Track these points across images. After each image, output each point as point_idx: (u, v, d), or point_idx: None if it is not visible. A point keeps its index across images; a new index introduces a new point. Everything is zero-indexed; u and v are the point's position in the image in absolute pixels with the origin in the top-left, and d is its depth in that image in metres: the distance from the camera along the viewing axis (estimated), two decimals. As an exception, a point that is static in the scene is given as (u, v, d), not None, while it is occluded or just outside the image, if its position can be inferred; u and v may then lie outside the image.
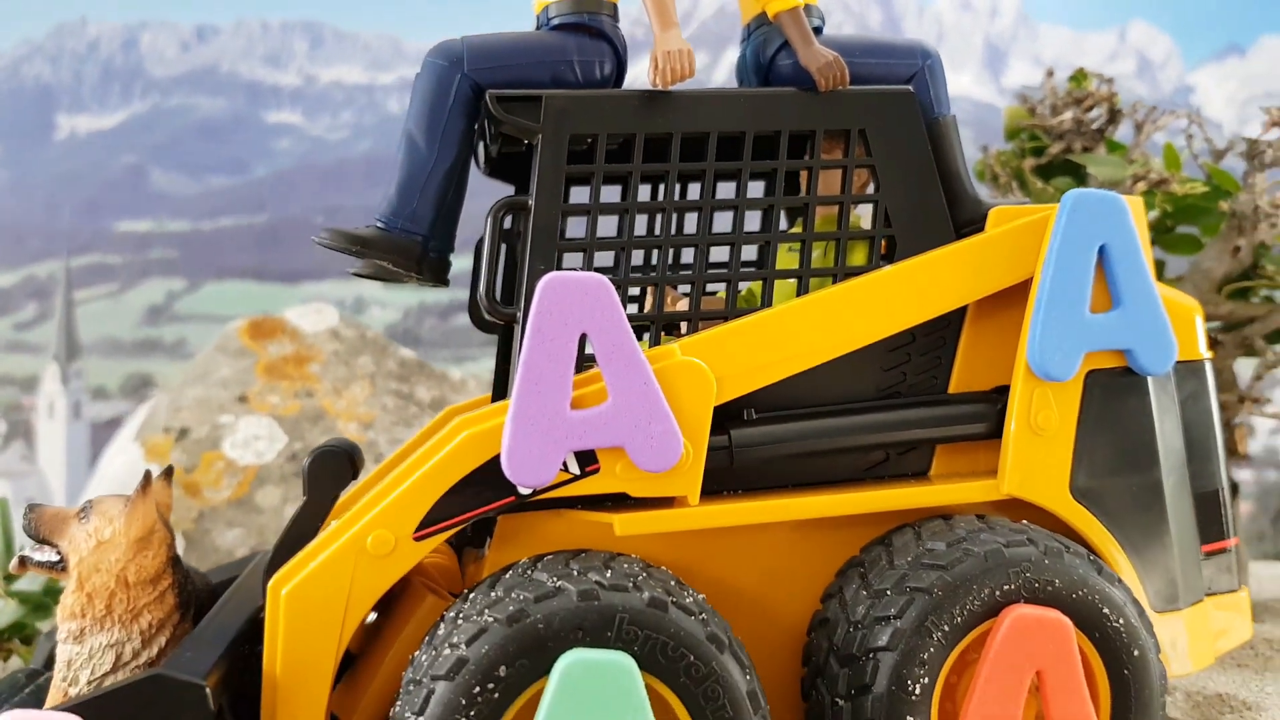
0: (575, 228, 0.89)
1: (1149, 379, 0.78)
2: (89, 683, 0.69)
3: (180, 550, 1.37)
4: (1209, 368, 0.85)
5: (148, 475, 0.71)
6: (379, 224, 0.78)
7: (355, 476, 0.78)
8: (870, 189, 0.82)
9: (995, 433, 0.77)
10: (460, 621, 0.63)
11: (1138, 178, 1.14)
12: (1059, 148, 1.24)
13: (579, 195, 0.80)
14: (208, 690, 0.61)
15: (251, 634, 0.77)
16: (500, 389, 0.96)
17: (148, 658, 0.70)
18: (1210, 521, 0.82)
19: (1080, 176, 1.24)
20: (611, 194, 0.79)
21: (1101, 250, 0.77)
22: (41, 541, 0.70)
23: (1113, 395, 0.78)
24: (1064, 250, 0.76)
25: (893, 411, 0.77)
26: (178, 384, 1.57)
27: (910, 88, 0.81)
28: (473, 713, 0.61)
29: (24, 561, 0.71)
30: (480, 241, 0.94)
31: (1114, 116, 1.22)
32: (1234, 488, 0.96)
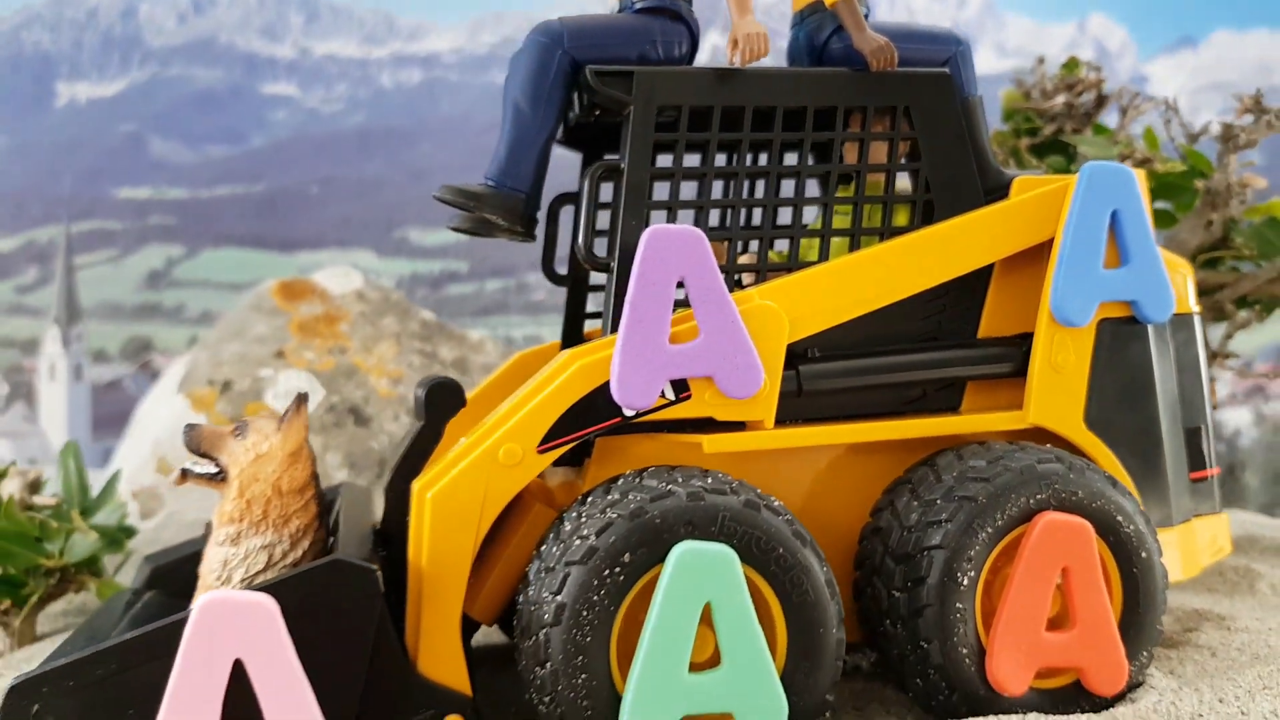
0: (658, 190, 0.99)
1: (1150, 327, 0.91)
2: (242, 580, 0.78)
3: (229, 495, 1.45)
4: (1198, 320, 0.98)
5: (302, 397, 0.80)
6: (489, 182, 0.88)
7: (463, 407, 0.88)
8: (908, 159, 0.93)
9: (1019, 372, 0.89)
10: (584, 519, 0.74)
11: (1124, 157, 1.27)
12: (1051, 129, 1.37)
13: (662, 160, 0.90)
14: (378, 574, 0.70)
15: (378, 541, 0.87)
16: (570, 334, 1.06)
17: (294, 559, 0.79)
18: (1196, 452, 0.95)
19: (1070, 155, 1.37)
20: (686, 160, 0.89)
21: (1113, 215, 0.89)
22: (201, 456, 0.79)
23: (1119, 340, 0.90)
24: (1082, 214, 0.88)
25: (933, 353, 0.89)
26: (214, 340, 1.64)
27: (947, 70, 0.92)
28: (602, 592, 0.71)
29: (185, 474, 0.79)
30: (555, 205, 1.04)
31: (1101, 101, 1.35)
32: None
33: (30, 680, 0.64)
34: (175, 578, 1.01)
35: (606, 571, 0.71)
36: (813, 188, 1.03)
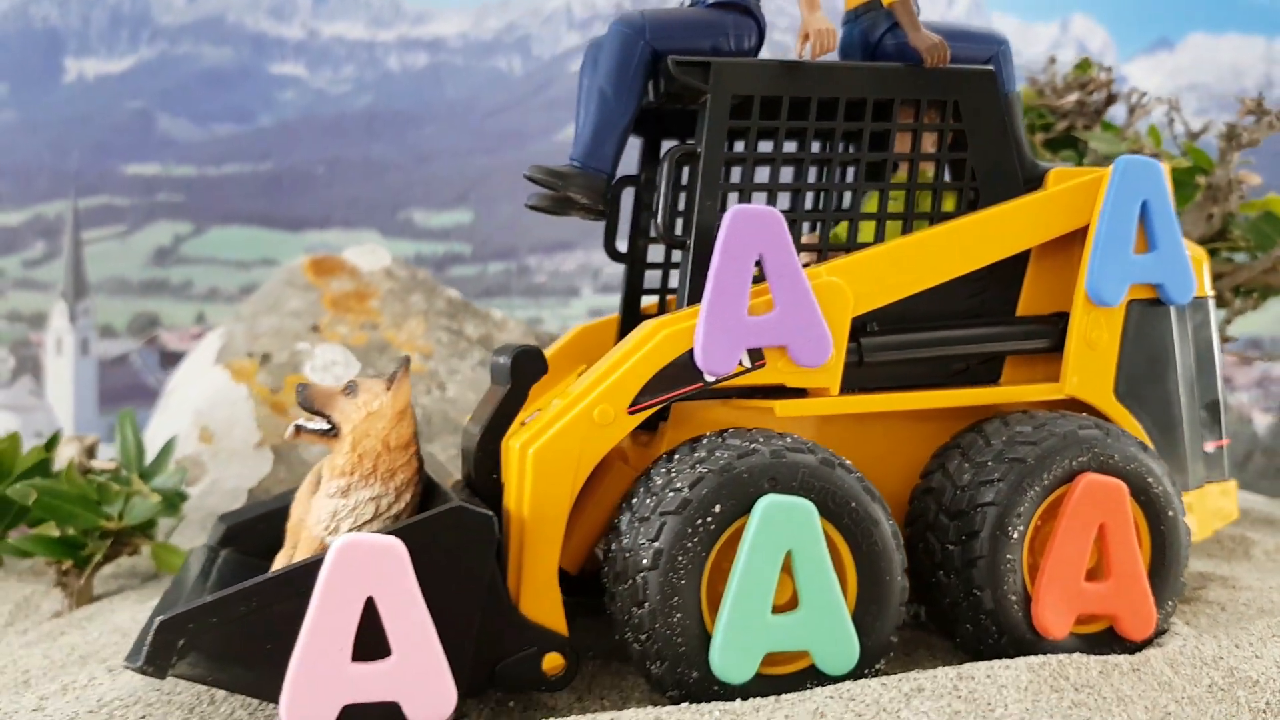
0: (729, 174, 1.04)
1: (1172, 308, 0.99)
2: (349, 530, 0.83)
3: (270, 464, 1.50)
4: (1211, 304, 1.06)
5: (407, 361, 0.85)
6: (574, 163, 0.93)
7: (545, 373, 0.94)
8: (954, 150, 1.00)
9: (1056, 348, 0.96)
10: (674, 474, 0.80)
11: (1133, 152, 1.35)
12: (1064, 125, 1.45)
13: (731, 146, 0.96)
14: (495, 520, 0.76)
15: (468, 494, 0.92)
16: (629, 307, 1.11)
17: (397, 510, 0.84)
18: (1211, 424, 1.04)
19: (1081, 150, 1.45)
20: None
21: (1143, 205, 0.97)
22: (313, 413, 0.84)
23: (1145, 320, 0.98)
24: (1116, 203, 0.96)
25: (980, 328, 0.96)
26: (249, 314, 1.68)
27: (991, 68, 0.99)
28: (695, 539, 0.77)
29: (300, 429, 0.84)
30: (616, 187, 1.09)
31: (1110, 100, 1.43)
32: None
33: (178, 617, 0.69)
34: (249, 536, 1.06)
35: (699, 520, 0.78)
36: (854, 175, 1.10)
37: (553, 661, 0.80)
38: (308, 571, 0.71)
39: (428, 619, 0.72)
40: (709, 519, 0.78)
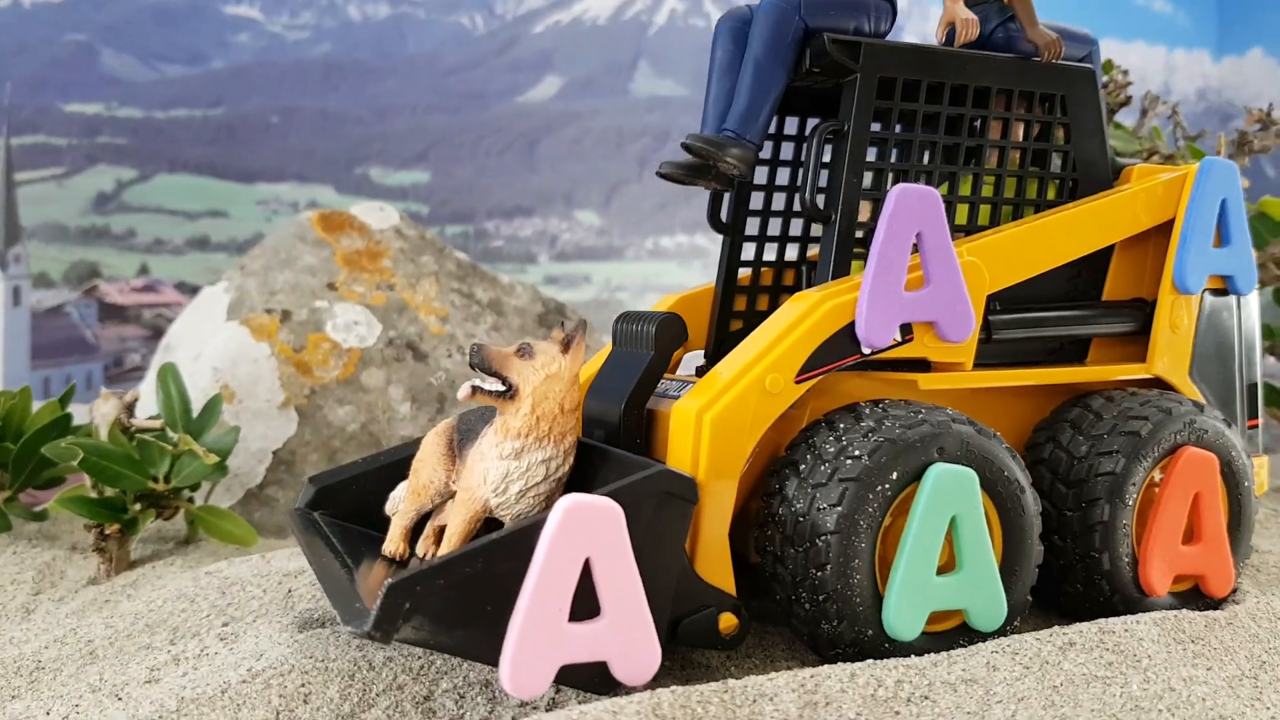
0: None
1: (1236, 298, 1.08)
2: (519, 494, 0.83)
3: (295, 425, 1.45)
4: (1255, 296, 1.16)
5: (584, 323, 0.84)
6: (730, 132, 0.93)
7: (685, 341, 0.94)
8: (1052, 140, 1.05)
9: (1142, 330, 1.04)
10: (846, 442, 0.82)
11: (1151, 151, 1.44)
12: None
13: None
14: (698, 483, 0.77)
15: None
16: (727, 278, 1.12)
17: (562, 474, 0.84)
18: (1252, 404, 1.13)
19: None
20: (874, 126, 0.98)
21: (1222, 203, 1.04)
22: (489, 374, 0.82)
23: (1215, 308, 1.06)
24: (1201, 200, 1.03)
25: (1084, 311, 1.02)
26: (260, 268, 1.60)
27: (1091, 66, 1.05)
28: (874, 505, 0.80)
29: (476, 390, 0.82)
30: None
31: (1126, 101, 1.52)
32: None
33: (406, 580, 0.67)
34: (341, 498, 1.03)
35: (879, 487, 0.81)
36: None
37: (728, 621, 0.82)
38: (530, 532, 0.71)
39: (638, 579, 0.73)
40: (886, 485, 0.81)
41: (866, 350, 0.88)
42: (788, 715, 0.72)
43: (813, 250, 1.16)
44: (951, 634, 0.84)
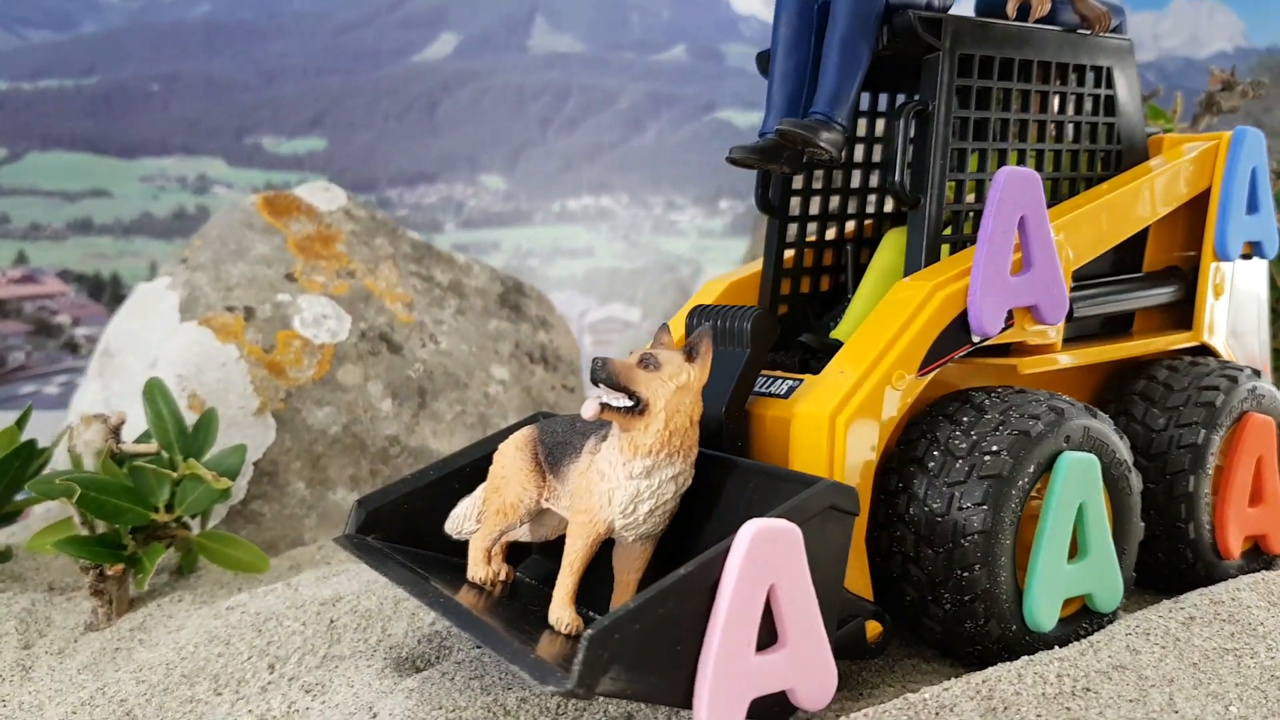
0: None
1: (1261, 263, 1.12)
2: (648, 513, 0.77)
3: (273, 432, 1.33)
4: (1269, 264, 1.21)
5: (710, 330, 0.78)
6: (821, 115, 0.89)
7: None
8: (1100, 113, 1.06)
9: (1185, 298, 1.07)
10: (977, 437, 0.81)
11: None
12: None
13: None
14: (857, 493, 0.73)
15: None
16: (776, 260, 1.08)
17: (686, 487, 0.79)
18: (1273, 368, 1.19)
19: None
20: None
21: (1253, 171, 1.08)
22: (618, 389, 0.75)
23: (1244, 273, 1.10)
24: (1236, 168, 1.06)
25: (1137, 282, 1.04)
26: (210, 261, 1.44)
27: (1130, 38, 1.06)
28: (1016, 500, 0.79)
29: (605, 407, 0.75)
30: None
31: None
32: None
33: (604, 629, 0.61)
34: (391, 519, 0.95)
35: (1019, 481, 0.79)
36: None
37: (874, 629, 0.79)
38: (714, 563, 0.66)
39: (815, 602, 0.69)
40: (1024, 480, 0.80)
41: (977, 339, 0.86)
42: (971, 725, 0.71)
43: (848, 227, 1.13)
44: (1074, 619, 0.85)
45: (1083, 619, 0.85)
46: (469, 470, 0.98)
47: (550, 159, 3.06)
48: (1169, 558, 0.96)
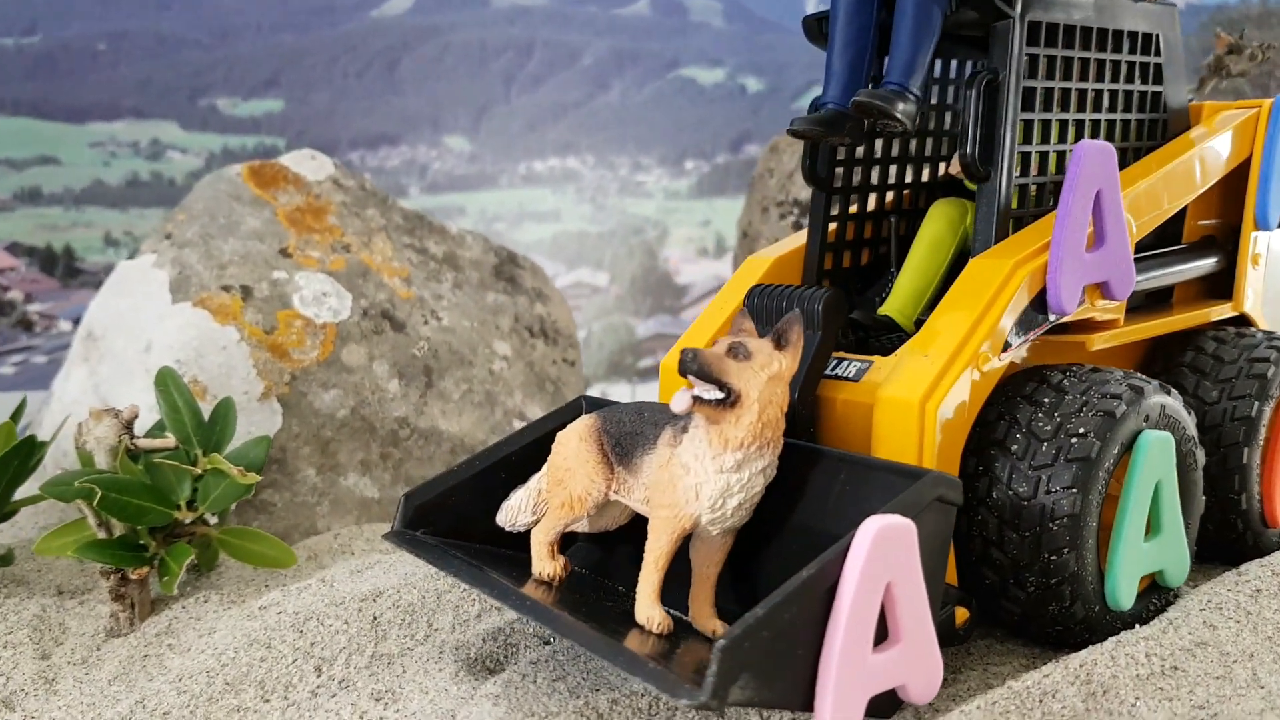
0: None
1: (1288, 231, 1.13)
2: (736, 508, 0.74)
3: (279, 417, 1.27)
4: None
5: (799, 315, 0.75)
6: (896, 85, 0.86)
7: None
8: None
9: (1226, 268, 1.07)
10: (1060, 418, 0.80)
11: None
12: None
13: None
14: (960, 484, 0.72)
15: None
16: (821, 234, 1.06)
17: (771, 478, 0.76)
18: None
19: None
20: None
21: (1287, 140, 1.08)
22: (710, 381, 0.72)
23: (1275, 241, 1.11)
24: (1277, 139, 1.06)
25: (1183, 253, 1.04)
26: (198, 237, 1.36)
27: (1175, 3, 1.05)
28: (1102, 481, 0.79)
29: (698, 400, 0.72)
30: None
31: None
32: None
33: (736, 639, 0.59)
34: (439, 513, 0.92)
35: (1106, 463, 0.79)
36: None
37: (961, 615, 0.79)
38: (835, 563, 0.64)
39: (925, 596, 0.68)
40: (1110, 461, 0.79)
41: (1054, 317, 0.85)
42: (1075, 711, 0.71)
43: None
44: (1145, 595, 0.85)
45: (1152, 595, 0.86)
46: (514, 459, 0.95)
47: (514, 119, 2.97)
48: (1219, 528, 0.97)
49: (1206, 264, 1.06)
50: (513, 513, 0.90)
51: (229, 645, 0.92)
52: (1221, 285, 1.08)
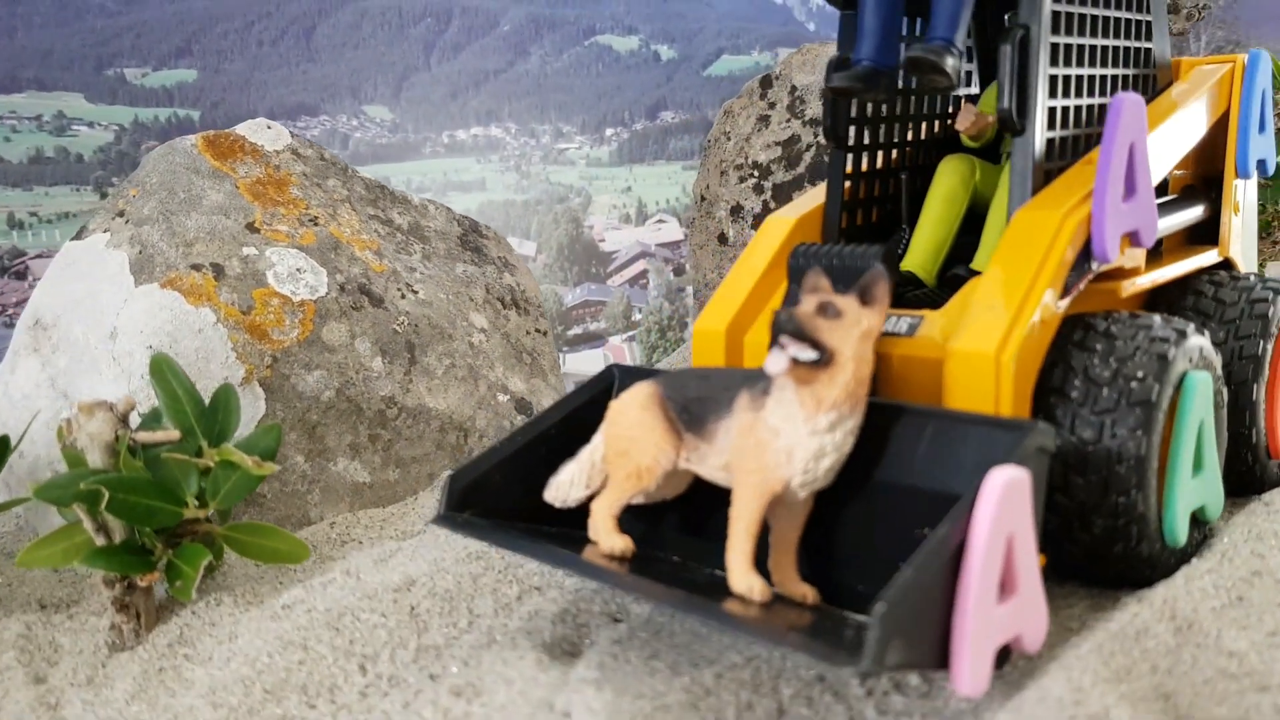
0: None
1: (1254, 180, 1.17)
2: (828, 469, 0.72)
3: (263, 402, 1.18)
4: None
5: (883, 270, 0.72)
6: (942, 39, 0.83)
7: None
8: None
9: (1211, 216, 1.10)
10: (1116, 363, 0.80)
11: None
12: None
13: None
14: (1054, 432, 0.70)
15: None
16: (838, 197, 1.03)
17: (856, 440, 0.74)
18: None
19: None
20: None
21: (1263, 93, 1.11)
22: (804, 341, 0.68)
23: (1249, 191, 1.15)
24: (1252, 90, 1.09)
25: (1180, 201, 1.06)
26: (158, 213, 1.24)
27: (1163, -42, 1.06)
28: (1160, 422, 0.79)
29: (796, 362, 0.68)
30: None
31: None
32: None
33: (893, 604, 0.56)
34: (485, 493, 0.86)
35: (1164, 404, 0.79)
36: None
37: (1040, 560, 0.78)
38: (964, 518, 0.62)
39: (1035, 545, 0.67)
40: (1166, 402, 0.80)
41: (1097, 265, 0.85)
42: (1169, 646, 0.71)
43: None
44: (1189, 530, 0.87)
45: (1193, 530, 0.87)
46: (553, 433, 0.90)
47: (436, 86, 2.86)
48: (1232, 463, 0.99)
49: (1196, 212, 1.08)
50: (563, 488, 0.85)
51: (260, 650, 0.85)
52: (1201, 233, 1.11)
